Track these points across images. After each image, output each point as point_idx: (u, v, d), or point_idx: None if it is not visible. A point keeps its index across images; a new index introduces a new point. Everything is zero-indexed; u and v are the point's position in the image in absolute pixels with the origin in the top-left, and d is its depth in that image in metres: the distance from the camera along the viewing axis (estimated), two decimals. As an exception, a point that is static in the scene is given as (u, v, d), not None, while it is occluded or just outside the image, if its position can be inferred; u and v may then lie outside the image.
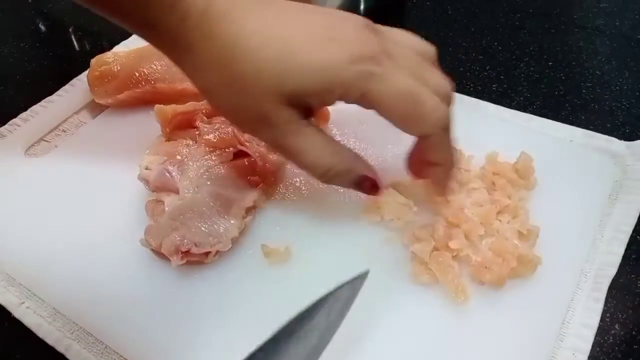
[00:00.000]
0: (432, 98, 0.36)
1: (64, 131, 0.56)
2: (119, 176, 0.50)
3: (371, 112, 0.37)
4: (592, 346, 0.40)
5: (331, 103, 0.37)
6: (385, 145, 0.52)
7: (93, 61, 0.58)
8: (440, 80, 0.38)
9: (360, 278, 0.38)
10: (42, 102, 0.58)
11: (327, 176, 0.38)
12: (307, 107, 0.37)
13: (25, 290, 0.44)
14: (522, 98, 0.58)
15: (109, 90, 0.57)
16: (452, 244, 0.42)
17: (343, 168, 0.39)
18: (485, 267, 0.42)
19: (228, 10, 0.34)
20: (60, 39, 0.70)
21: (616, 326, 0.41)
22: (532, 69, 0.61)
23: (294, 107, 0.36)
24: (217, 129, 0.49)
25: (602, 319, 0.41)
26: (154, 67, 0.57)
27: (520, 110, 0.55)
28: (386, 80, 0.35)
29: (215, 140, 0.48)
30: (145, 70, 0.57)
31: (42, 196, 0.50)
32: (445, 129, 0.38)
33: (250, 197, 0.46)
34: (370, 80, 0.34)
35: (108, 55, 0.58)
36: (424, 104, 0.36)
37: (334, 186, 0.49)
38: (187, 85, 0.56)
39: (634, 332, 0.41)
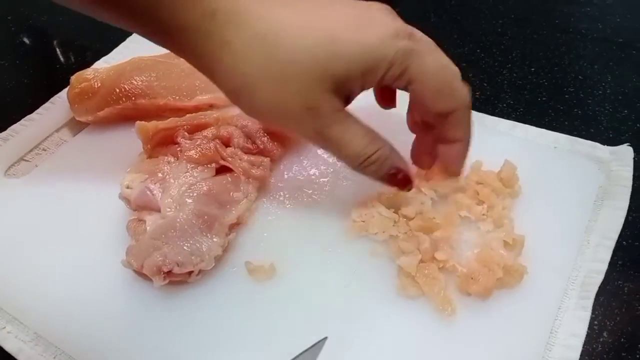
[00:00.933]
0: (460, 75, 0.39)
1: (45, 150, 0.55)
2: (100, 195, 0.49)
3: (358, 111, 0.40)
4: (581, 355, 0.39)
5: (371, 85, 0.38)
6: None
7: (73, 78, 0.57)
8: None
9: (318, 346, 0.38)
10: (22, 121, 0.57)
11: (364, 165, 0.40)
12: (348, 94, 0.38)
13: (5, 314, 0.43)
14: (505, 105, 0.58)
15: (89, 107, 0.56)
16: (438, 255, 0.42)
17: (380, 156, 0.40)
18: (472, 278, 0.41)
19: (257, 3, 0.35)
20: (40, 56, 0.69)
21: (604, 334, 0.41)
22: (514, 75, 0.61)
23: (338, 95, 0.37)
24: (198, 145, 0.49)
25: (590, 327, 0.41)
26: (135, 82, 0.57)
27: (504, 117, 0.55)
28: (424, 56, 0.37)
29: (197, 156, 0.48)
30: (125, 86, 0.56)
31: (22, 218, 0.49)
32: (469, 105, 0.40)
33: (234, 213, 0.45)
34: (410, 56, 0.36)
35: (88, 72, 0.58)
36: (455, 79, 0.38)
37: (317, 201, 0.48)
38: (168, 100, 0.56)
39: (622, 340, 0.41)
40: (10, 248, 0.47)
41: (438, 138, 0.42)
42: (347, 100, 0.39)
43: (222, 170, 0.48)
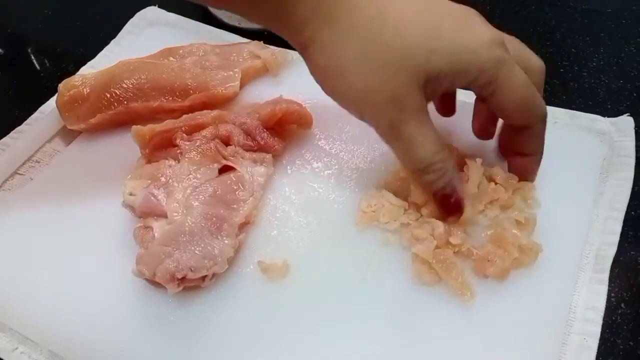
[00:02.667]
0: (537, 91, 0.39)
1: (38, 162, 0.53)
2: (101, 204, 0.48)
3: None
4: (602, 328, 0.40)
5: (455, 87, 0.39)
6: (371, 145, 0.51)
7: (61, 86, 0.55)
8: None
9: None
10: (12, 134, 0.55)
11: (424, 172, 0.39)
12: (432, 95, 0.38)
13: (16, 334, 0.42)
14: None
15: (80, 115, 0.54)
16: (453, 239, 0.42)
17: (443, 168, 0.39)
18: (488, 260, 0.41)
19: None
20: (23, 66, 0.67)
21: (622, 305, 0.41)
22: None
23: (424, 93, 0.37)
24: (198, 146, 0.48)
25: (607, 300, 0.41)
26: (125, 86, 0.55)
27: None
28: (513, 69, 0.37)
29: (198, 158, 0.47)
30: (116, 91, 0.55)
31: (23, 234, 0.47)
32: (545, 120, 0.41)
33: (242, 213, 0.44)
34: (502, 66, 0.36)
35: (76, 79, 0.56)
36: (536, 95, 0.39)
37: (323, 194, 0.48)
38: (162, 102, 0.55)
39: (640, 310, 0.41)
40: (13, 265, 0.46)
41: (511, 149, 0.43)
42: (427, 101, 0.39)
43: (224, 169, 0.47)
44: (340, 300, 0.42)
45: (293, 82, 0.57)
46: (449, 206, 0.41)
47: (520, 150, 0.43)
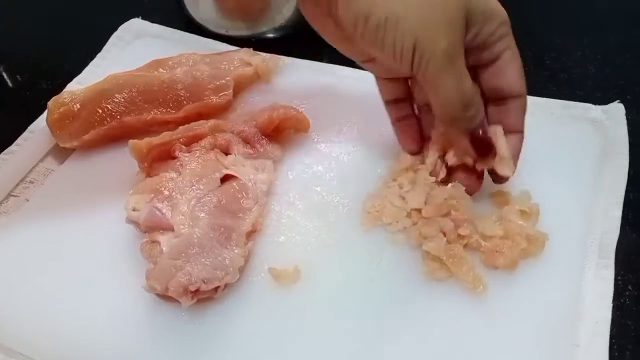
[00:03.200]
0: None
1: (32, 182, 0.52)
2: (103, 222, 0.47)
3: (348, 114, 0.44)
4: (612, 311, 0.40)
5: (474, 39, 0.39)
6: (370, 145, 0.51)
7: (50, 103, 0.54)
8: None
9: None
10: (2, 155, 0.54)
11: (469, 105, 0.39)
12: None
13: (21, 356, 0.41)
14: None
15: (72, 132, 0.53)
16: (462, 231, 0.42)
17: (479, 102, 0.40)
18: (497, 252, 0.42)
19: None
20: (8, 85, 0.66)
21: (629, 287, 0.42)
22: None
23: None
24: (198, 157, 0.47)
25: (614, 284, 0.42)
26: (117, 100, 0.54)
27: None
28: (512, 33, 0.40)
29: (199, 169, 0.46)
30: (108, 106, 0.54)
31: (24, 257, 0.46)
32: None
33: (248, 221, 0.44)
34: (509, 28, 0.40)
35: (65, 95, 0.55)
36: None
37: (327, 197, 0.48)
38: (155, 114, 0.54)
39: (647, 291, 0.42)
40: (17, 289, 0.44)
41: None
42: None
43: (226, 178, 0.47)
44: (354, 301, 0.42)
45: (286, 88, 0.57)
46: (484, 146, 0.41)
47: (505, 128, 0.43)
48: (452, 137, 0.44)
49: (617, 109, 0.51)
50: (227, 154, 0.49)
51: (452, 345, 0.39)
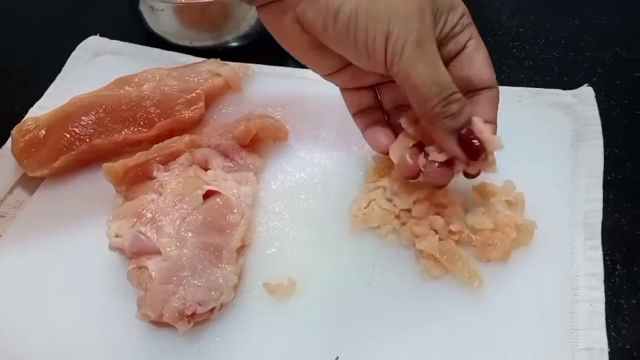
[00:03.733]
0: None
1: (2, 216, 0.50)
2: (83, 251, 0.45)
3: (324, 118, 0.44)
4: (605, 291, 0.41)
5: (441, 31, 0.39)
6: (350, 147, 0.51)
7: (14, 132, 0.52)
8: None
9: None
10: (-34, 190, 0.51)
11: (448, 101, 0.37)
12: None
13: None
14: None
15: (40, 160, 0.51)
16: (453, 227, 0.42)
17: (462, 99, 0.38)
18: (489, 244, 0.42)
19: None
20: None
21: (618, 267, 0.43)
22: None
23: None
24: (178, 175, 0.46)
25: (604, 264, 0.43)
26: (84, 122, 0.52)
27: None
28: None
29: (180, 187, 0.45)
30: (75, 130, 0.52)
31: (4, 296, 0.44)
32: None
33: (237, 237, 0.43)
34: (470, 18, 0.40)
35: (28, 122, 0.53)
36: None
37: (313, 205, 0.47)
38: (127, 134, 0.52)
39: (635, 268, 0.43)
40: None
41: None
42: None
43: (208, 195, 0.46)
44: (352, 308, 0.41)
45: (258, 96, 0.56)
46: (471, 148, 0.39)
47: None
48: (437, 139, 0.41)
49: (586, 92, 0.53)
50: (206, 169, 0.48)
51: (454, 340, 0.40)
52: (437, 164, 0.40)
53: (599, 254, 0.43)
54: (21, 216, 0.49)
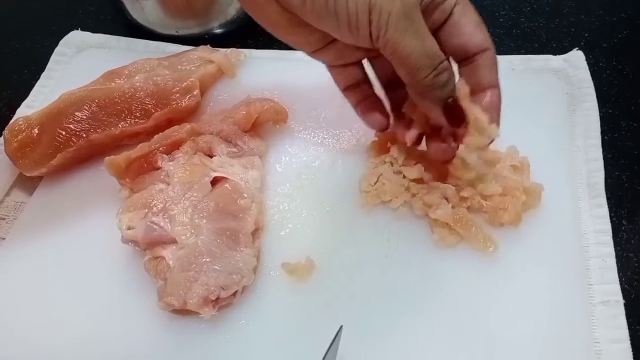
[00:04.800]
0: None
1: (3, 219, 0.49)
2: (94, 248, 0.45)
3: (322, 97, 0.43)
4: (613, 246, 0.42)
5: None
6: (351, 125, 0.51)
7: (6, 132, 0.51)
8: None
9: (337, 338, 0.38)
10: (-40, 196, 0.50)
11: (438, 71, 0.37)
12: None
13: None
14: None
15: (36, 159, 0.50)
16: (465, 193, 0.43)
17: (449, 67, 0.38)
18: (501, 209, 0.43)
19: None
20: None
21: (623, 222, 0.45)
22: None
23: None
24: (183, 164, 0.46)
25: (610, 220, 0.44)
26: (79, 118, 0.51)
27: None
28: None
29: (187, 175, 0.45)
30: (70, 126, 0.51)
31: (17, 299, 0.43)
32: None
33: (250, 220, 0.43)
34: None
35: (19, 122, 0.51)
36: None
37: (321, 184, 0.47)
38: (124, 126, 0.51)
39: (640, 222, 0.45)
40: (13, 336, 0.41)
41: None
42: None
43: (216, 181, 0.45)
44: (371, 281, 0.42)
45: (252, 80, 0.56)
46: (456, 116, 0.39)
47: (480, 85, 0.41)
48: (424, 108, 0.41)
49: (576, 56, 0.54)
50: (210, 156, 0.47)
51: (473, 304, 0.40)
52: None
53: (604, 211, 0.44)
54: (23, 217, 0.48)
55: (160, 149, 0.47)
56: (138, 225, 0.42)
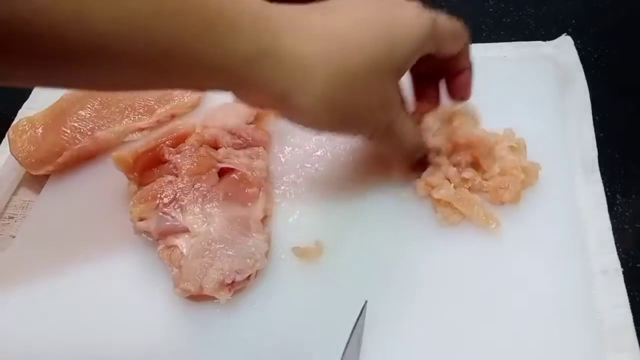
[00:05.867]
0: None
1: (12, 217, 0.49)
2: (101, 241, 0.46)
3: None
4: (610, 219, 0.44)
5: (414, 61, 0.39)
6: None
7: (10, 133, 0.51)
8: None
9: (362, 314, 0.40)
10: (-32, 196, 0.50)
11: (416, 151, 0.44)
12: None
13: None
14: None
15: (43, 157, 0.51)
16: (466, 174, 0.44)
17: (422, 142, 0.44)
18: (501, 188, 0.44)
19: (302, 17, 0.34)
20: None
21: (618, 196, 0.47)
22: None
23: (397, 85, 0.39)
24: (190, 156, 0.46)
25: (605, 195, 0.46)
26: (82, 116, 0.52)
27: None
28: (441, 18, 0.39)
29: (195, 167, 0.46)
30: (75, 124, 0.52)
31: (25, 293, 0.44)
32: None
33: (259, 207, 0.44)
34: (436, 22, 0.38)
35: (23, 122, 0.52)
36: (457, 23, 0.41)
37: (324, 171, 0.49)
38: (128, 124, 0.53)
39: (634, 196, 0.46)
40: (31, 333, 0.42)
41: (447, 74, 0.45)
42: None
43: (223, 172, 0.46)
44: (380, 261, 0.43)
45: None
46: (423, 166, 0.46)
47: (456, 68, 0.44)
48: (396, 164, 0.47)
49: (565, 41, 0.56)
50: (216, 148, 0.48)
51: (478, 280, 0.42)
52: None
53: (599, 187, 0.46)
54: (33, 216, 0.49)
55: (167, 142, 0.48)
56: (150, 217, 0.43)
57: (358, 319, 0.38)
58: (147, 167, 0.47)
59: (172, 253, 0.42)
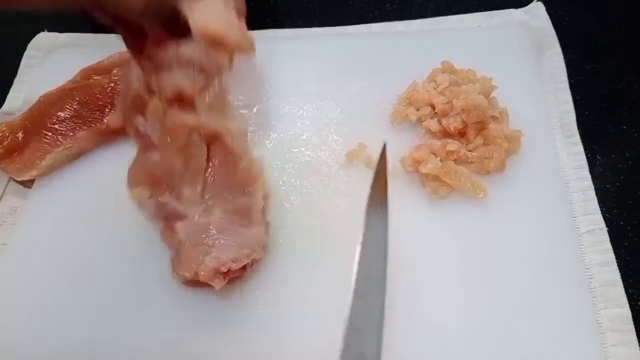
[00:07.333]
0: None
1: (0, 225, 0.49)
2: (94, 241, 0.46)
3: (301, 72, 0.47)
4: (591, 180, 0.45)
5: None
6: (334, 96, 0.53)
7: (-12, 141, 0.51)
8: None
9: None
10: (-50, 206, 0.50)
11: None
12: None
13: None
14: (417, 5, 0.61)
15: (26, 162, 0.50)
16: (450, 147, 0.45)
17: None
18: (486, 158, 0.45)
19: None
20: None
21: (598, 157, 0.48)
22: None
23: None
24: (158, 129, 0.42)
25: (585, 156, 0.47)
26: (62, 117, 0.52)
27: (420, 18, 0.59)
28: None
29: (170, 142, 0.42)
30: (55, 126, 0.51)
31: (26, 298, 0.44)
32: None
33: (259, 194, 0.43)
34: None
35: (2, 128, 0.51)
36: None
37: (312, 155, 0.49)
38: (110, 119, 0.52)
39: (613, 155, 0.48)
40: (34, 332, 0.42)
41: None
42: None
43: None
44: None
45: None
46: None
47: None
48: None
49: (537, 7, 0.57)
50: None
51: (471, 247, 0.43)
52: None
53: (580, 148, 0.47)
54: (22, 222, 0.48)
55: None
56: (146, 205, 0.42)
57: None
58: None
59: (173, 234, 0.41)
